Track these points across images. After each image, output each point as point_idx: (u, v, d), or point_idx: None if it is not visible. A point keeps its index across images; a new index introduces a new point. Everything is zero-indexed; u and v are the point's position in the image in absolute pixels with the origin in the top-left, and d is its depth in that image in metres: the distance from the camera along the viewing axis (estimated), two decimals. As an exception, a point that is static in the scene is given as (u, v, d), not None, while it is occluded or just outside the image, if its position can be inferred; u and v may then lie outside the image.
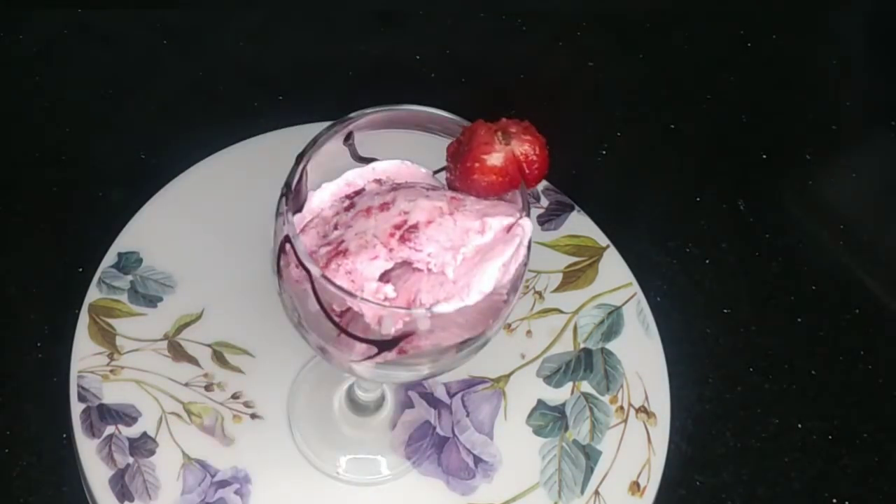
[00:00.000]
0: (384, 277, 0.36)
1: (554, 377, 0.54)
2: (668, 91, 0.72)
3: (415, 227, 0.37)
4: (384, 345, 0.37)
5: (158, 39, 0.69)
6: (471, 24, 0.73)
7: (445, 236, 0.36)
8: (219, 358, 0.53)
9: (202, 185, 0.58)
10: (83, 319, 0.53)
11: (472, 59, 0.71)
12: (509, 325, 0.55)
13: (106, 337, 0.52)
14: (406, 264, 0.36)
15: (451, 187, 0.39)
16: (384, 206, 0.38)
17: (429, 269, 0.36)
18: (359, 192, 0.40)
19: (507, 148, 0.37)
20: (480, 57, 0.71)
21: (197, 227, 0.56)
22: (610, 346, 0.55)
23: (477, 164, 0.37)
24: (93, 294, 0.54)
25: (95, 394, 0.51)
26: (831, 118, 0.71)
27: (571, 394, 0.54)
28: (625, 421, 0.53)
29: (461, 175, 0.38)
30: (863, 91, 0.75)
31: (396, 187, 0.39)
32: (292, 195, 0.37)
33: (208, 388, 0.52)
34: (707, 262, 0.63)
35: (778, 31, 0.76)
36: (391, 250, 0.36)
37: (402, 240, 0.36)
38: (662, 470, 0.52)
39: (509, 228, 0.37)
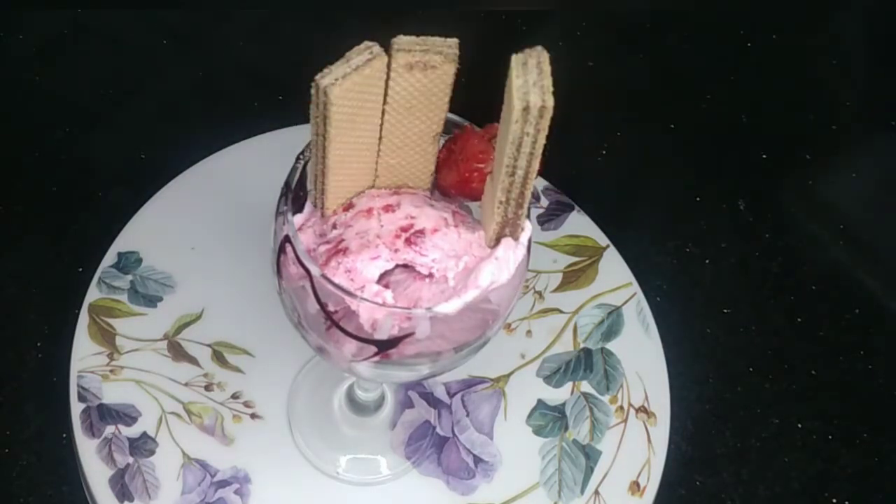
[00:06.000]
0: (383, 280, 0.36)
1: (554, 377, 0.54)
2: (668, 91, 0.72)
3: (421, 232, 0.37)
4: (382, 345, 0.37)
5: (158, 39, 0.69)
6: (471, 23, 0.73)
7: (449, 245, 0.37)
8: (219, 358, 0.53)
9: (202, 186, 0.58)
10: (83, 319, 0.53)
11: (472, 59, 0.71)
12: (509, 325, 0.55)
13: (106, 337, 0.52)
14: (407, 268, 0.36)
15: (444, 193, 0.39)
16: (388, 208, 0.38)
17: (430, 275, 0.36)
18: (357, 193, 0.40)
19: None
20: (480, 57, 0.71)
21: (197, 227, 0.56)
22: (610, 345, 0.55)
23: (475, 173, 0.38)
24: (93, 294, 0.54)
25: (95, 394, 0.51)
26: (831, 118, 0.71)
27: (571, 394, 0.54)
28: (625, 421, 0.53)
29: (458, 183, 0.38)
30: (863, 91, 0.75)
31: (398, 191, 0.39)
32: (292, 195, 0.37)
33: (208, 388, 0.52)
34: (707, 262, 0.63)
35: (778, 31, 0.75)
36: (396, 251, 0.36)
37: (408, 242, 0.36)
38: (662, 470, 0.52)
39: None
